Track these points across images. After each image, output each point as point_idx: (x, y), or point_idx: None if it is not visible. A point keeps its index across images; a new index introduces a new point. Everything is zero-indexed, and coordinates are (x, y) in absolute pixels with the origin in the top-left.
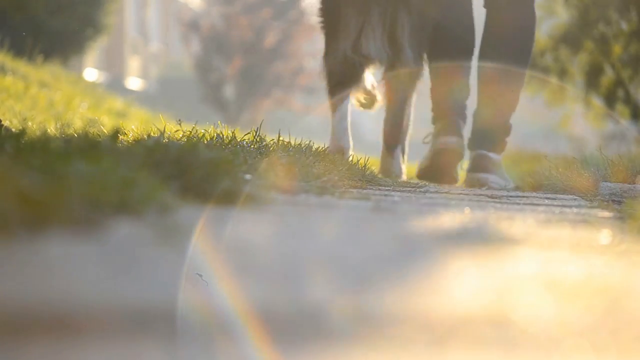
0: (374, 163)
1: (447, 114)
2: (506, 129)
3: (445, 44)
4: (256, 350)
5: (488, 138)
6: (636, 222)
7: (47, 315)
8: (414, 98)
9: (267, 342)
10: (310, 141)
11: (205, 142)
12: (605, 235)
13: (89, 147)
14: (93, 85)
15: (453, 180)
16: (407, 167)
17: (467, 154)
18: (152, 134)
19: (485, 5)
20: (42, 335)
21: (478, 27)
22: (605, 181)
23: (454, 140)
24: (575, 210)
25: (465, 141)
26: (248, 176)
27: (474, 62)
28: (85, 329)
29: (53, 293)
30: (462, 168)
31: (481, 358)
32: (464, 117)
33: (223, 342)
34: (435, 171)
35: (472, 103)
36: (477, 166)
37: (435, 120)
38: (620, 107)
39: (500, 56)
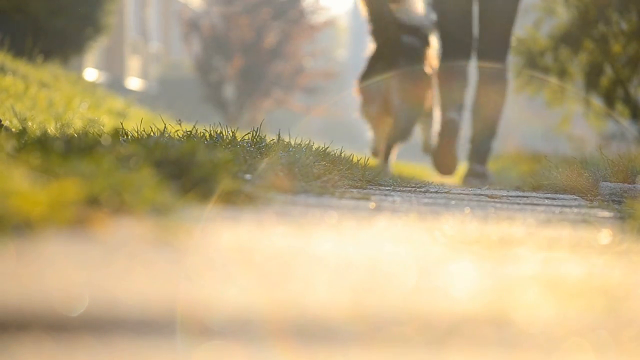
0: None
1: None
2: (489, 150)
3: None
4: (257, 349)
5: (477, 156)
6: (636, 222)
7: (46, 315)
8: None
9: (268, 342)
10: (310, 141)
11: (205, 142)
12: (605, 235)
13: (89, 147)
14: (93, 85)
15: (453, 159)
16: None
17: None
18: (152, 134)
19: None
20: (40, 334)
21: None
22: (605, 181)
23: (453, 115)
24: (575, 210)
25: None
26: (248, 176)
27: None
28: (85, 329)
29: (52, 293)
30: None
31: (481, 358)
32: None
33: (224, 342)
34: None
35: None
36: (469, 173)
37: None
38: (620, 107)
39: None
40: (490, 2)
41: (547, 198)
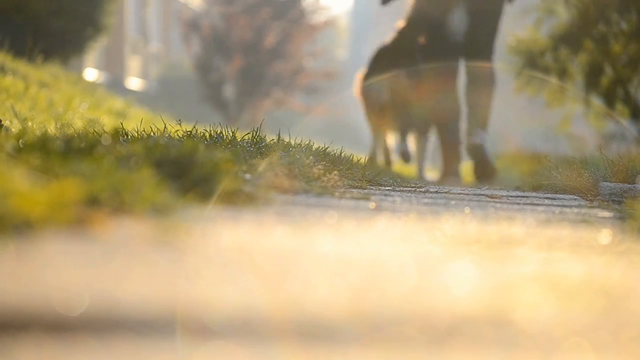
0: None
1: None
2: (488, 118)
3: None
4: (257, 349)
5: (477, 123)
6: (636, 222)
7: (46, 315)
8: None
9: (268, 342)
10: (310, 141)
11: (205, 142)
12: (605, 235)
13: (89, 147)
14: (93, 85)
15: None
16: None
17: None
18: (152, 134)
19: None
20: (40, 334)
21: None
22: (605, 181)
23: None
24: (575, 210)
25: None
26: (248, 176)
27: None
28: (85, 329)
29: (52, 293)
30: None
31: (481, 358)
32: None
33: (224, 342)
34: None
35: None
36: (473, 134)
37: None
38: (620, 107)
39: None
40: (475, 8)
41: (547, 198)
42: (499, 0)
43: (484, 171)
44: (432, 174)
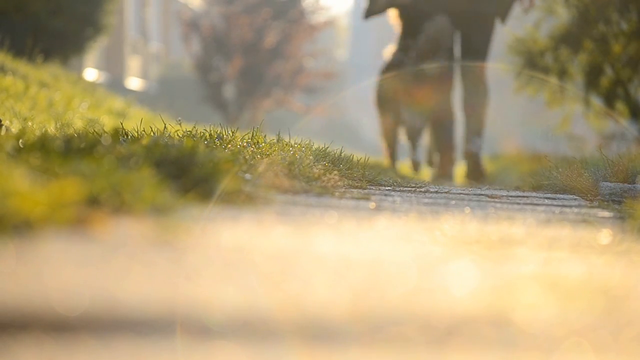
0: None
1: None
2: (483, 125)
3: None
4: (257, 349)
5: (474, 131)
6: (636, 222)
7: (46, 315)
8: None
9: (268, 342)
10: (310, 141)
11: (205, 142)
12: (605, 235)
13: (89, 147)
14: (93, 85)
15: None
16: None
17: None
18: (152, 133)
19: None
20: (40, 334)
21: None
22: (605, 181)
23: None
24: (575, 210)
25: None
26: (248, 176)
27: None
28: (85, 329)
29: (52, 293)
30: None
31: (481, 358)
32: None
33: (224, 342)
34: None
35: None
36: (471, 142)
37: None
38: (620, 107)
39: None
40: (470, 28)
41: (547, 198)
42: (491, 17)
43: (476, 175)
44: (427, 173)
